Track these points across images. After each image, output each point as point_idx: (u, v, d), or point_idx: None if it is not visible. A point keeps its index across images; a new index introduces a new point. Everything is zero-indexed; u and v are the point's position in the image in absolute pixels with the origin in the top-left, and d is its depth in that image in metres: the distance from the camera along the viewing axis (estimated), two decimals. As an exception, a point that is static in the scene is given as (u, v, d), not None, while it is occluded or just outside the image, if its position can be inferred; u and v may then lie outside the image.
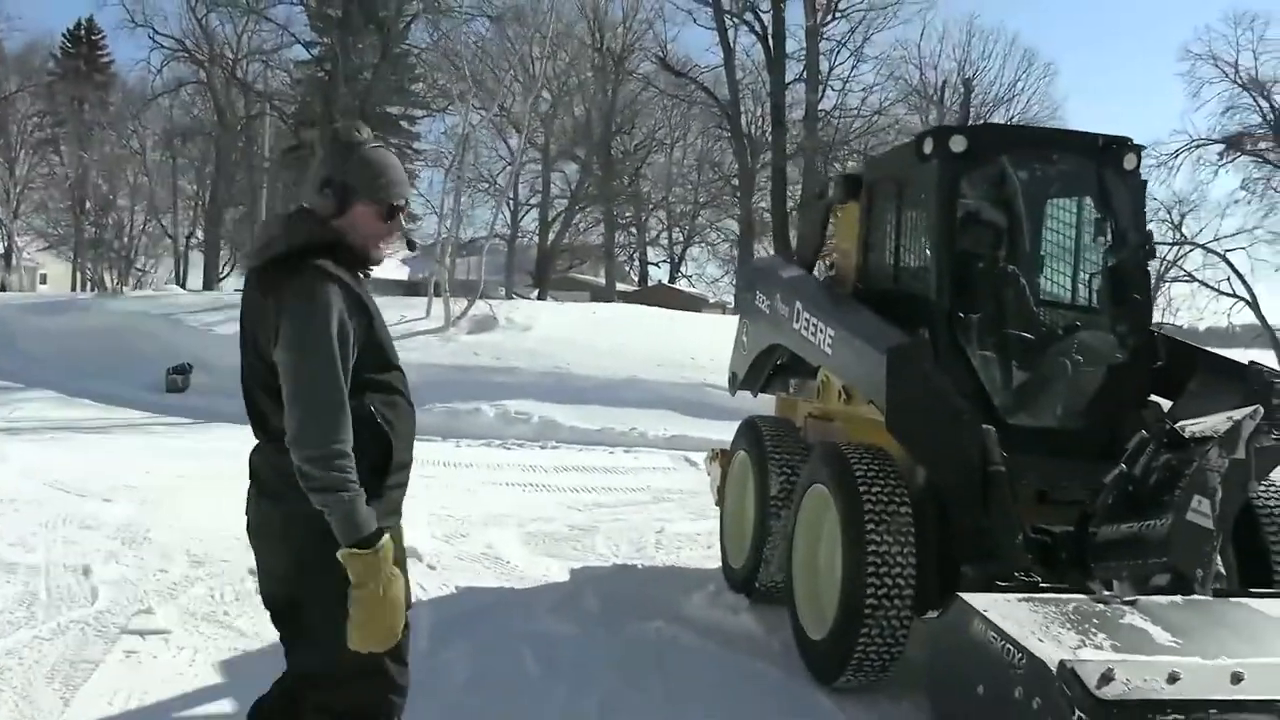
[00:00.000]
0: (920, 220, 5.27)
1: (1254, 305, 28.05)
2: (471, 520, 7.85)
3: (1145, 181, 5.35)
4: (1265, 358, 15.08)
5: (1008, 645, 2.93)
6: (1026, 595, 3.24)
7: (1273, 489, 4.83)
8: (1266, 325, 27.16)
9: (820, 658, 4.50)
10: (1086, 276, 5.55)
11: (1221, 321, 28.78)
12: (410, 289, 28.02)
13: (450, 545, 7.08)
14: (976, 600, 3.21)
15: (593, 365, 15.56)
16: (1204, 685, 2.61)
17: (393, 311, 18.67)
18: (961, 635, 3.15)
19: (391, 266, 32.74)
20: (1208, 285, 27.96)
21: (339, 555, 2.28)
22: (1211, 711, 2.57)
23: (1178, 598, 3.36)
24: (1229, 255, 27.39)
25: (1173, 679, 2.61)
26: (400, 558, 2.44)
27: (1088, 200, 5.34)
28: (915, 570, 4.36)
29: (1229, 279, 27.73)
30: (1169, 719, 2.56)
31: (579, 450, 12.34)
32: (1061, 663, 2.66)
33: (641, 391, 14.32)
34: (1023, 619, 3.06)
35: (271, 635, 2.69)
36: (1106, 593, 3.75)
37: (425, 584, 6.00)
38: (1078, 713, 2.59)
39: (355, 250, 2.50)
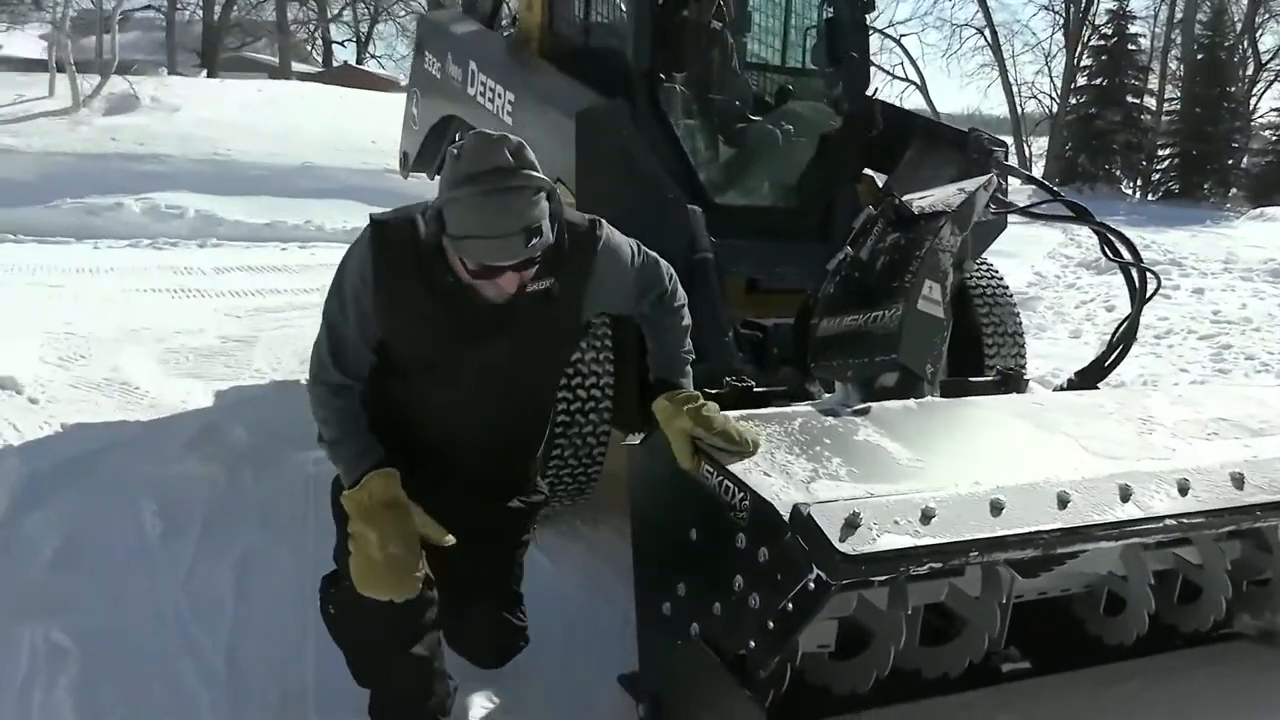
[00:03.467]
0: (614, -38, 4.37)
1: (923, 89, 29.47)
2: (99, 338, 6.54)
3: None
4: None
5: (726, 482, 2.32)
6: (744, 414, 2.63)
7: (983, 267, 4.54)
8: (933, 108, 28.62)
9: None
10: (799, 34, 4.92)
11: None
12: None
13: (65, 370, 5.81)
14: (686, 423, 2.56)
15: (259, 151, 13.84)
16: (961, 521, 2.10)
17: (7, 91, 15.83)
18: (668, 469, 2.51)
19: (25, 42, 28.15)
20: (883, 69, 28.96)
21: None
22: (973, 555, 2.08)
23: (910, 402, 2.88)
24: (903, 40, 28.37)
25: (927, 517, 2.08)
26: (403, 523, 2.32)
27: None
28: (612, 379, 3.72)
29: (901, 64, 28.84)
30: (925, 567, 2.03)
31: (245, 248, 10.93)
32: (796, 509, 2.06)
33: (317, 180, 12.89)
34: (743, 446, 2.45)
35: None
36: (831, 397, 3.26)
37: (21, 424, 4.80)
38: (816, 570, 2.02)
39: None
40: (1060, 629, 3.08)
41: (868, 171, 4.69)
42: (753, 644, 2.23)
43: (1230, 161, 26.90)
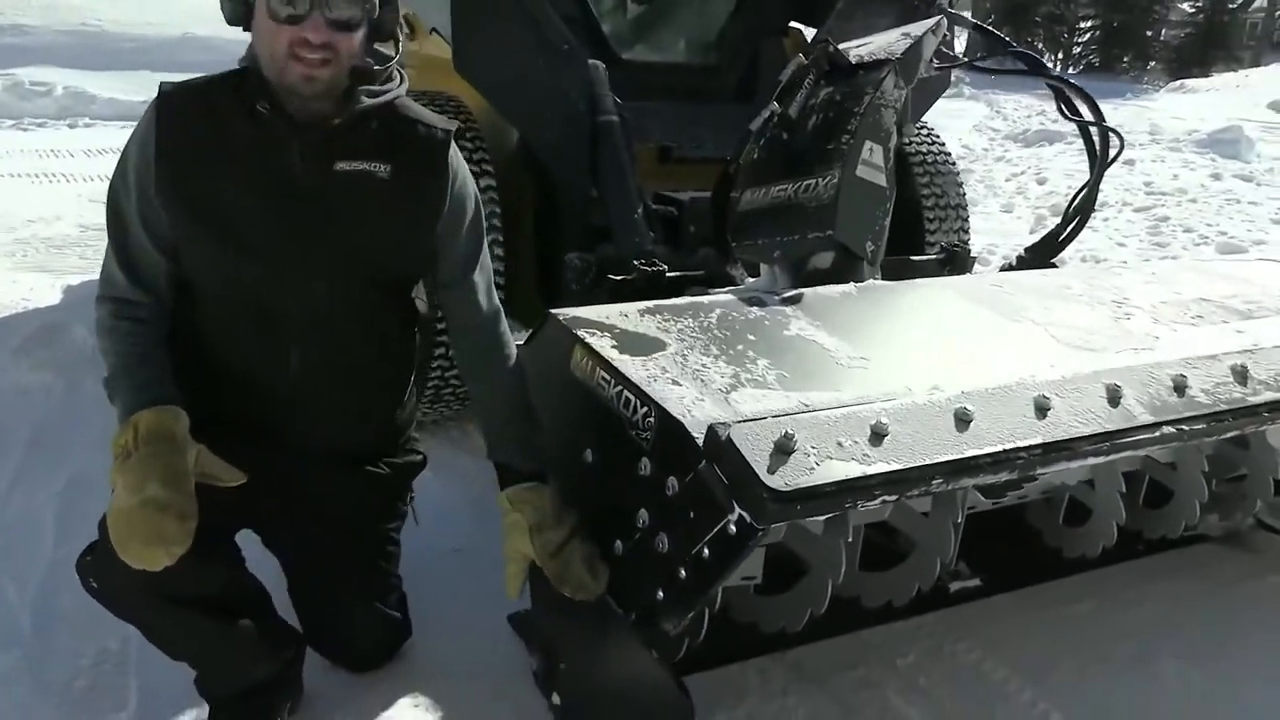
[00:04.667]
0: None
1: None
2: (-62, 229, 5.78)
3: None
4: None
5: (626, 392, 1.85)
6: (652, 305, 2.15)
7: (923, 132, 4.06)
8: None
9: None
10: None
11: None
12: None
13: (-111, 268, 5.09)
14: (577, 318, 2.08)
15: (134, 21, 12.66)
16: (920, 439, 1.66)
17: None
18: (558, 374, 2.04)
19: None
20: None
21: None
22: (936, 482, 1.64)
23: (849, 287, 2.42)
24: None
25: (878, 436, 1.63)
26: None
27: None
28: (503, 266, 3.21)
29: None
30: (877, 500, 1.59)
31: (120, 128, 9.91)
32: (712, 430, 1.59)
33: (200, 52, 11.83)
34: (647, 347, 1.97)
35: None
36: (755, 283, 2.79)
37: None
38: (738, 510, 1.57)
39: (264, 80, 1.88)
40: (1013, 541, 2.72)
41: (795, 24, 4.15)
42: (660, 595, 1.79)
43: (1149, 34, 26.68)
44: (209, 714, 2.06)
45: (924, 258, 3.36)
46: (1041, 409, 1.79)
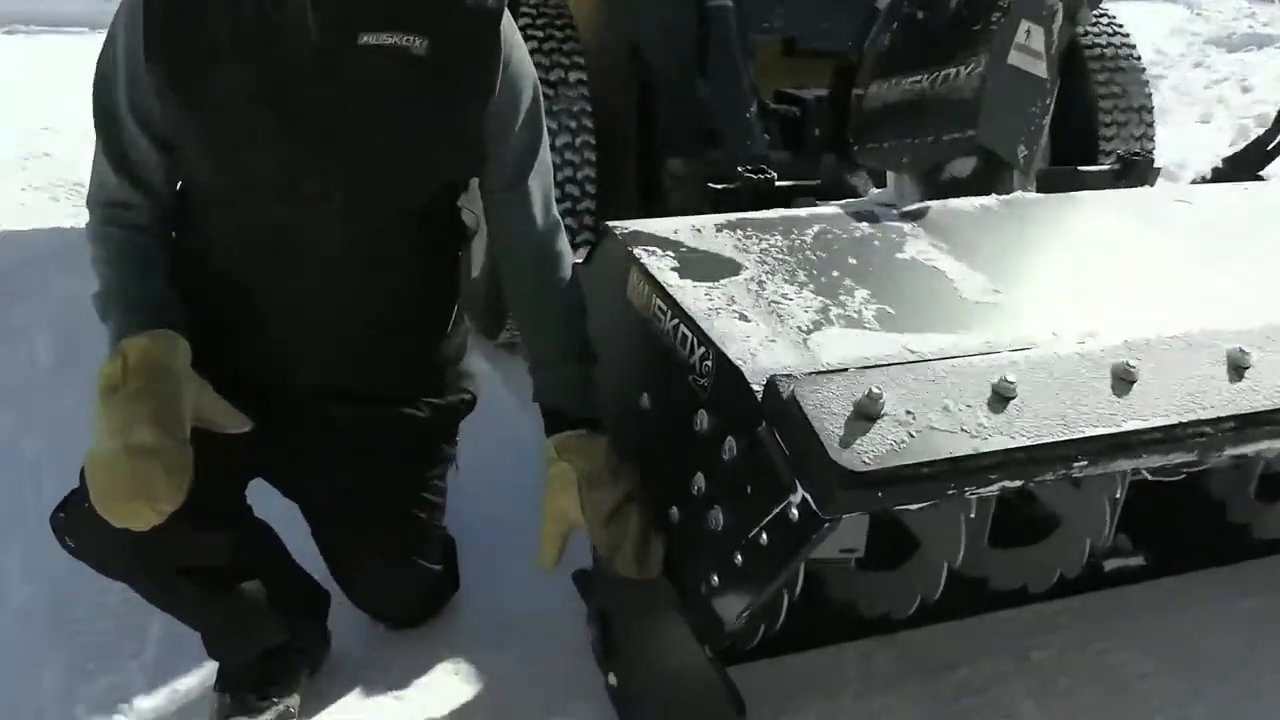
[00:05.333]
0: None
1: None
2: None
3: None
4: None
5: (683, 328, 1.47)
6: (735, 218, 1.75)
7: (1104, 19, 3.45)
8: None
9: (478, 312, 3.03)
10: None
11: None
12: None
13: None
14: (638, 233, 1.70)
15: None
16: (1063, 405, 1.23)
17: None
18: (615, 301, 1.68)
19: None
20: None
21: None
22: (1079, 464, 1.21)
23: (990, 200, 1.96)
24: None
25: (1001, 399, 1.21)
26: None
27: None
28: (595, 173, 2.84)
29: None
30: (994, 487, 1.18)
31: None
32: (772, 384, 1.21)
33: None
34: (717, 270, 1.59)
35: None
36: (877, 194, 2.35)
37: None
38: (800, 490, 1.18)
39: None
40: (1189, 513, 2.24)
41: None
42: (715, 581, 1.43)
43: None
44: (217, 673, 1.83)
45: (1094, 168, 2.82)
46: (1237, 367, 1.32)
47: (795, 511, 1.21)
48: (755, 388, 1.28)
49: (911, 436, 1.16)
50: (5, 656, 1.96)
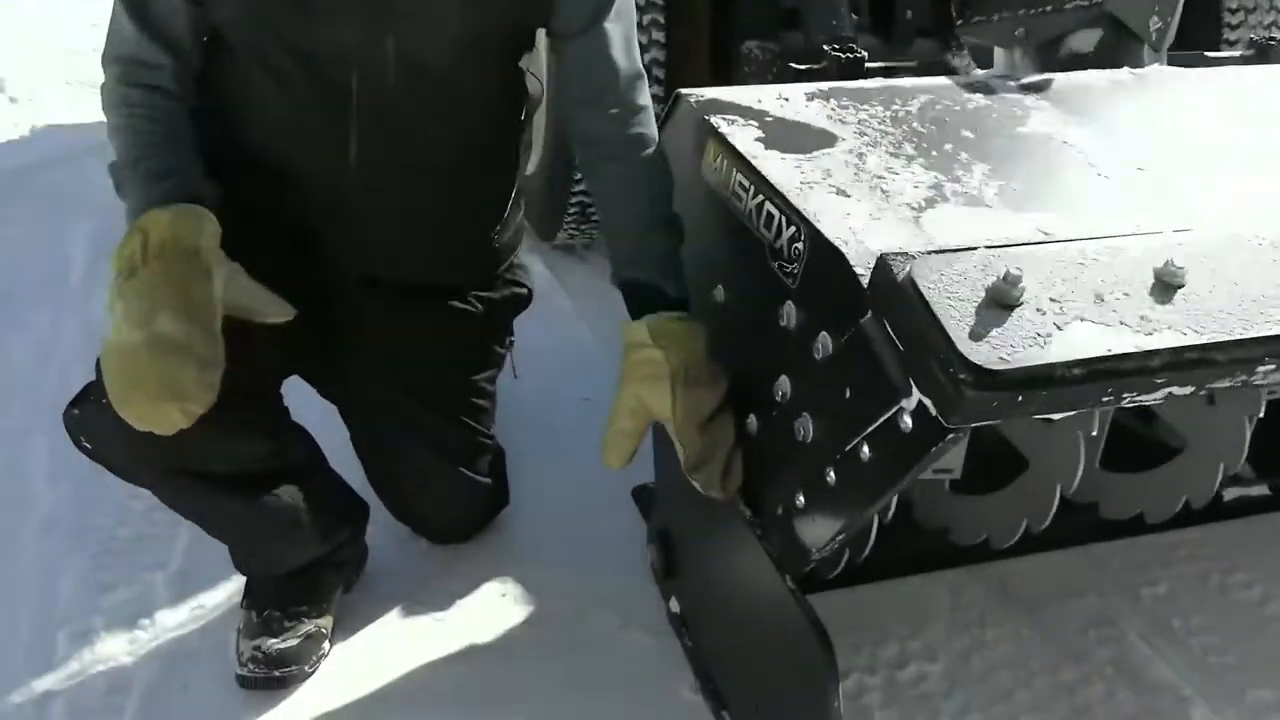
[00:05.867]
0: None
1: None
2: None
3: None
4: None
5: (769, 205, 1.25)
6: (826, 87, 1.51)
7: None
8: None
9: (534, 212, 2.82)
10: None
11: None
12: None
13: None
14: (716, 101, 1.47)
15: None
16: (1241, 296, 0.99)
17: None
18: (688, 176, 1.46)
19: None
20: None
21: None
22: (1264, 369, 0.97)
23: (1121, 72, 1.69)
24: None
25: (1167, 287, 0.98)
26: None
27: None
28: (664, 56, 2.59)
29: None
30: (1160, 393, 0.95)
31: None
32: (883, 264, 0.99)
33: None
34: (808, 143, 1.35)
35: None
36: (987, 72, 2.08)
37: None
38: (917, 394, 0.97)
39: None
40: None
41: None
42: (800, 501, 1.23)
43: None
44: (245, 589, 1.68)
45: (1223, 53, 2.50)
46: None
47: (908, 420, 1.00)
48: (860, 271, 1.06)
49: (1058, 329, 0.93)
50: (23, 565, 1.83)
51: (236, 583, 1.73)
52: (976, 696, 1.61)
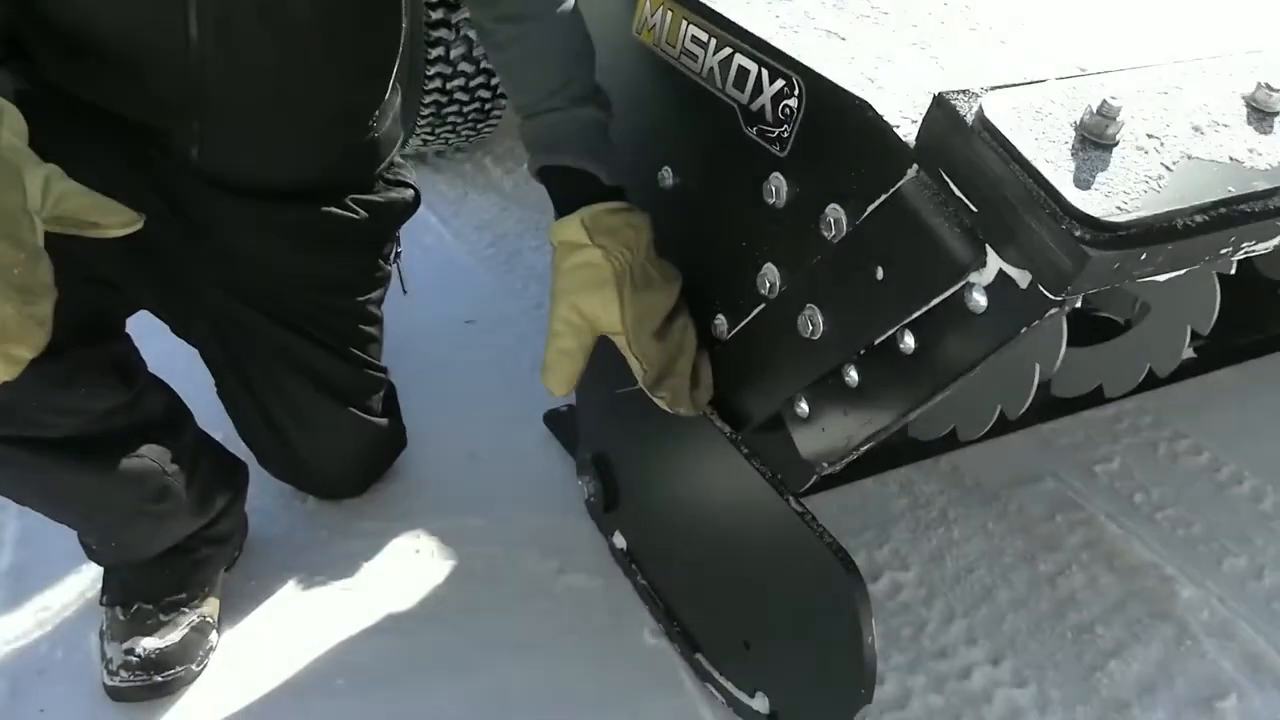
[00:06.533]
0: None
1: None
2: None
3: None
4: None
5: (741, 61, 1.04)
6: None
7: None
8: None
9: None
10: None
11: None
12: None
13: None
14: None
15: None
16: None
17: None
18: (614, 41, 1.21)
19: None
20: None
21: None
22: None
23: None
24: None
25: (1263, 115, 0.82)
26: None
27: None
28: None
29: None
30: (1257, 230, 0.79)
31: None
32: (942, 104, 0.78)
33: None
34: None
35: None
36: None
37: None
38: (998, 264, 0.78)
39: None
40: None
41: None
42: (804, 408, 1.04)
43: None
44: (103, 582, 1.38)
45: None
46: None
47: (978, 298, 0.81)
48: (891, 121, 0.85)
49: (1168, 169, 0.76)
50: None
51: (90, 574, 1.43)
52: (958, 600, 1.48)
